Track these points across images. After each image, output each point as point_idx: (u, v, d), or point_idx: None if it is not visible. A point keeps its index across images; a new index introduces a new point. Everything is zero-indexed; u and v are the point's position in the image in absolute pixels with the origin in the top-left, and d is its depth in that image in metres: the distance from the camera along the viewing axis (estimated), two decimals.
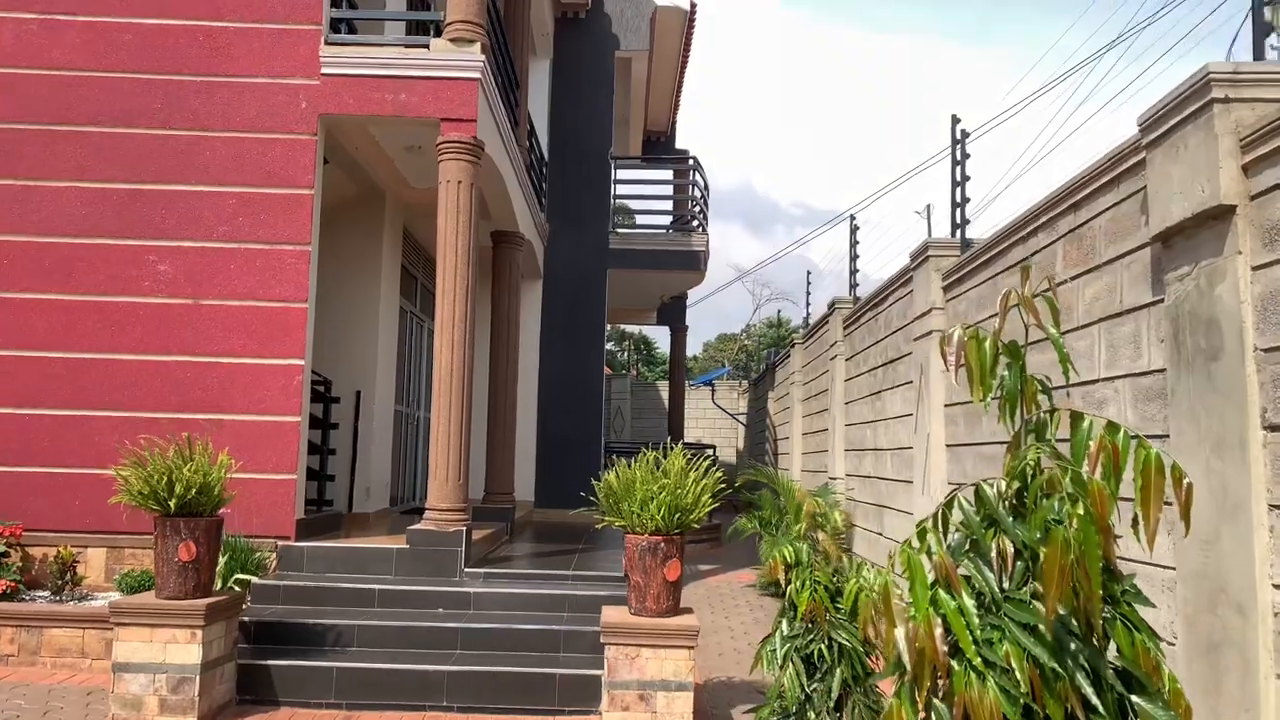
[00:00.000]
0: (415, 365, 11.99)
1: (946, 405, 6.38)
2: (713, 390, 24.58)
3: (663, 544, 5.45)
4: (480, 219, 10.69)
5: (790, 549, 4.77)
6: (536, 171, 12.54)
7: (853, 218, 10.26)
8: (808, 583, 4.57)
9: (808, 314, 13.52)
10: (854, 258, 10.07)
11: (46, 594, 7.05)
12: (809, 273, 13.65)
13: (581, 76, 13.54)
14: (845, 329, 10.05)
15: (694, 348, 49.38)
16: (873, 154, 70.51)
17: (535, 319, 13.36)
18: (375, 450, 9.98)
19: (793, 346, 13.58)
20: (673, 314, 18.62)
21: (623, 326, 50.40)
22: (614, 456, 16.46)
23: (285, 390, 7.49)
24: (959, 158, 6.64)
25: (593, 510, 5.80)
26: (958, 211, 6.63)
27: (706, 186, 14.18)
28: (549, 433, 13.17)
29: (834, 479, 10.09)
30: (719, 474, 5.63)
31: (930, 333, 6.53)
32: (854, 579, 4.66)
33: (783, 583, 4.78)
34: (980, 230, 7.19)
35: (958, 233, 6.58)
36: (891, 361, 7.93)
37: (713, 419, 25.50)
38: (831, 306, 10.44)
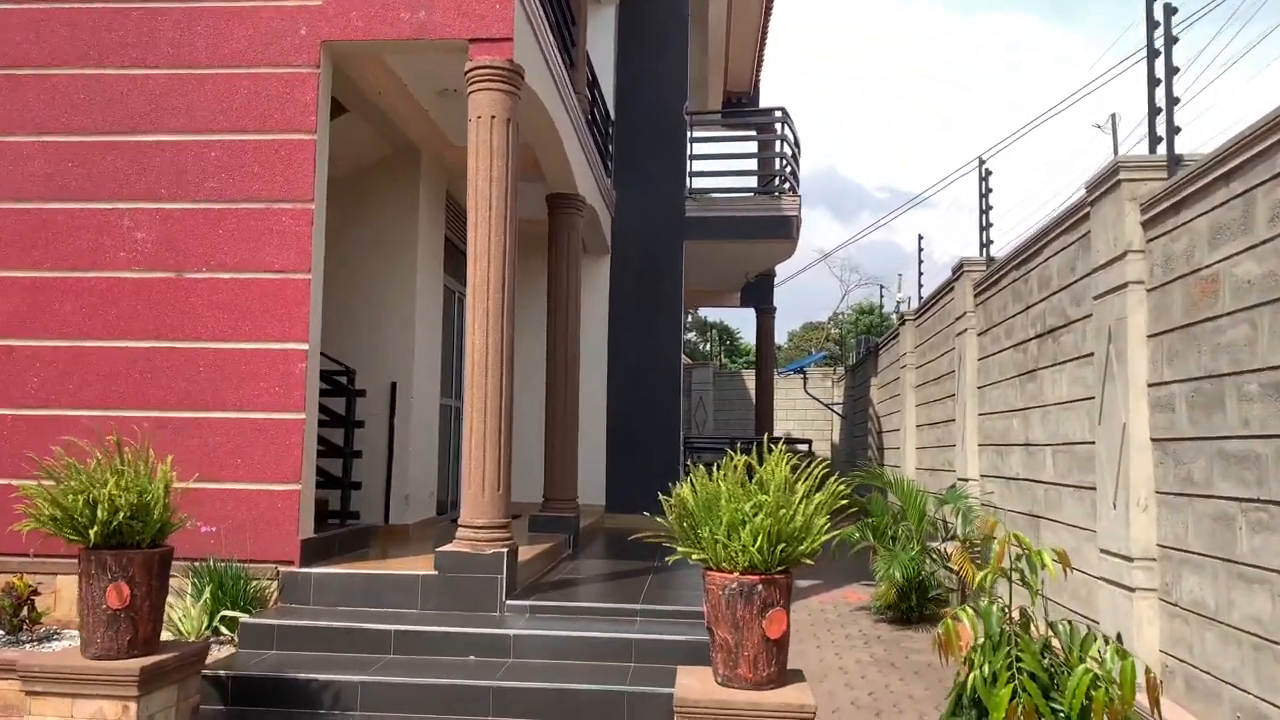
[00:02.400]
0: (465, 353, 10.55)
1: (1154, 385, 4.57)
2: (804, 378, 22.71)
3: (760, 587, 3.80)
4: (532, 180, 9.19)
5: (968, 615, 3.07)
6: (600, 130, 10.98)
7: (982, 161, 8.43)
8: (1005, 673, 2.87)
9: (920, 284, 11.67)
10: (986, 210, 8.23)
11: (2, 634, 5.79)
12: (920, 236, 11.79)
13: (652, 20, 11.91)
14: (977, 297, 8.21)
15: (779, 336, 47.35)
16: (958, 137, 66.37)
17: (603, 299, 11.82)
18: (416, 451, 8.56)
19: (902, 324, 11.73)
20: (758, 294, 16.91)
21: (704, 316, 48.69)
22: (695, 455, 14.87)
23: (285, 380, 6.09)
24: (1160, 46, 4.80)
25: (659, 527, 4.20)
26: (1158, 120, 4.80)
27: (797, 144, 12.41)
28: (621, 427, 11.61)
29: (964, 480, 8.28)
30: (840, 486, 3.96)
31: (1126, 285, 4.72)
32: (1076, 662, 2.96)
33: (959, 666, 3.09)
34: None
35: (1159, 147, 4.76)
36: (1053, 331, 6.11)
37: (804, 410, 23.64)
38: (958, 270, 8.61)
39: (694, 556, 3.94)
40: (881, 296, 16.35)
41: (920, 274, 11.84)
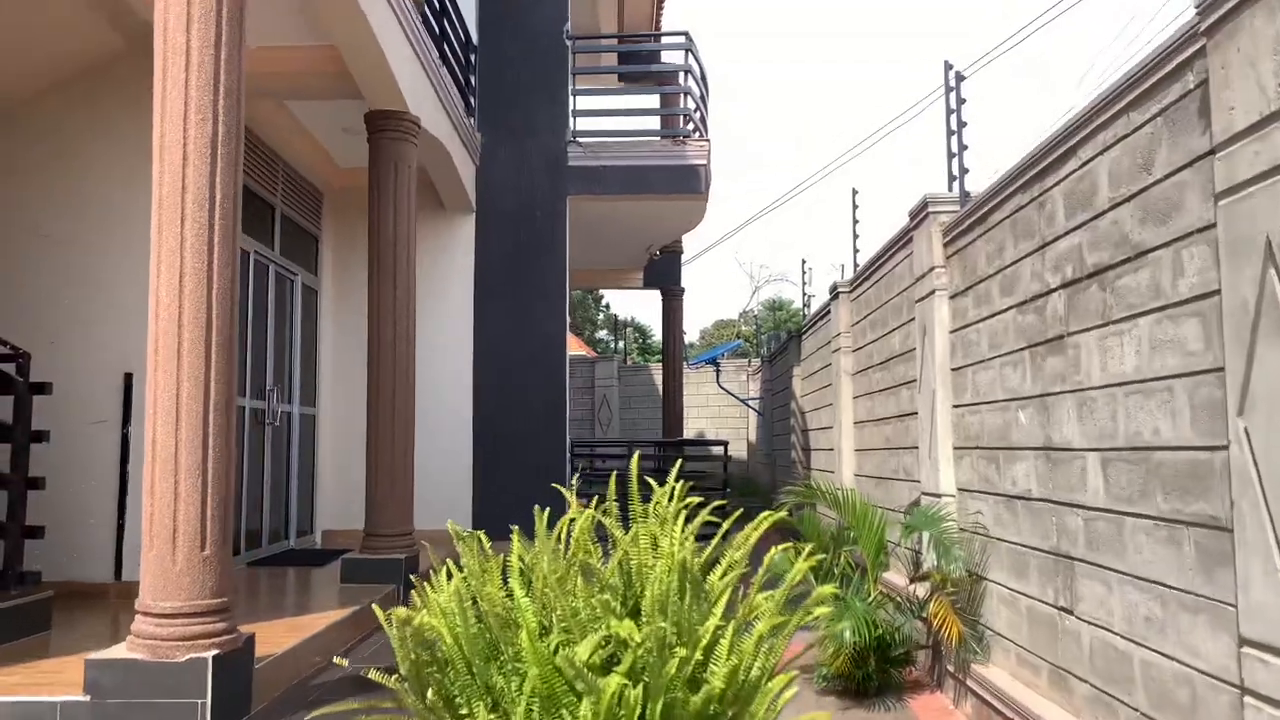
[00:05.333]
0: (274, 334, 7.98)
1: None
2: (717, 371, 20.57)
3: None
4: (341, 95, 6.74)
5: None
6: (455, 52, 8.55)
7: (949, 66, 6.29)
8: None
9: (855, 249, 9.53)
10: (958, 129, 6.06)
11: None
12: (855, 190, 9.64)
13: None
14: (948, 246, 6.04)
15: (690, 333, 45.78)
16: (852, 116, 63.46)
17: (466, 268, 9.40)
18: None
19: (834, 298, 9.59)
20: (664, 274, 14.70)
21: (615, 313, 46.38)
22: (588, 462, 12.49)
23: None
24: None
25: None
26: None
27: (704, 79, 10.15)
28: (490, 431, 9.19)
29: (934, 495, 6.11)
30: (825, 587, 1.63)
31: None
32: None
33: None
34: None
35: None
36: (1101, 273, 3.94)
37: (718, 406, 21.53)
38: (919, 214, 6.43)
39: None
40: (805, 284, 14.26)
41: (855, 235, 9.69)
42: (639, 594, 1.57)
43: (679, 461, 2.39)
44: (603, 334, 45.89)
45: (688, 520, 1.75)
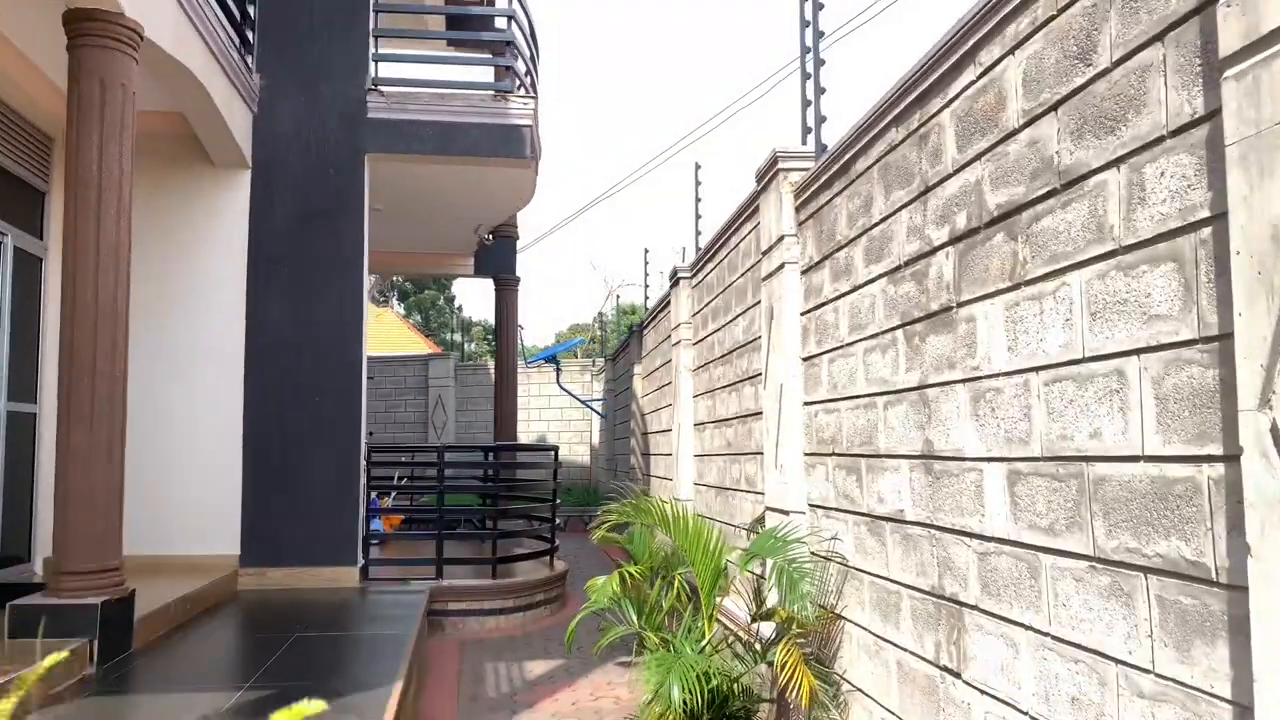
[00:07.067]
0: None
1: None
2: (557, 369, 19.27)
3: None
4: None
5: None
6: None
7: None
8: None
9: (698, 231, 8.46)
10: (814, 70, 5.00)
11: None
12: (697, 166, 8.58)
13: None
14: (801, 209, 4.98)
15: (544, 337, 44.57)
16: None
17: (238, 236, 7.80)
18: None
19: (675, 284, 8.50)
20: (498, 261, 13.29)
21: (468, 315, 44.34)
22: (410, 471, 10.97)
23: None
24: None
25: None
26: None
27: (533, 35, 8.88)
28: (266, 435, 7.62)
29: (780, 512, 5.04)
30: None
31: None
32: None
33: None
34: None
35: None
36: (1021, 210, 2.89)
37: (561, 408, 20.26)
38: (768, 172, 5.35)
39: None
40: (646, 276, 13.21)
41: (698, 216, 8.63)
42: None
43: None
44: (459, 338, 43.86)
45: None
